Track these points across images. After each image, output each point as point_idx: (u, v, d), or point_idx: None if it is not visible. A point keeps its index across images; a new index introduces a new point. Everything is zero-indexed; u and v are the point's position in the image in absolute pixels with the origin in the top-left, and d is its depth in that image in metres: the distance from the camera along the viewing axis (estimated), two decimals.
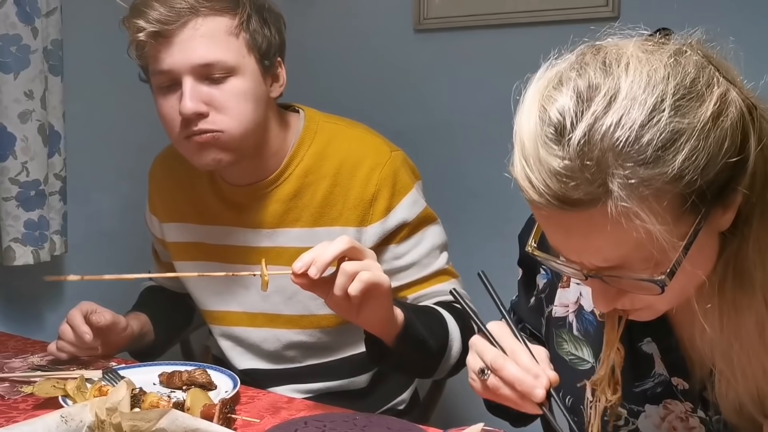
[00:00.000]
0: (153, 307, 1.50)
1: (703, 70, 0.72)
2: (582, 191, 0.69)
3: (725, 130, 0.70)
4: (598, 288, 0.79)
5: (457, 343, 1.28)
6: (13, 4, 1.66)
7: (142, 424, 0.89)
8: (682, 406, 0.91)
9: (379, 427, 1.04)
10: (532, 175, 0.71)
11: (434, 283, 1.36)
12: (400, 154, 1.37)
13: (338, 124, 1.39)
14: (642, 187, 0.68)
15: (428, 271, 1.36)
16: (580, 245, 0.75)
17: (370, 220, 1.31)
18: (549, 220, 0.75)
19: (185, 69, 1.21)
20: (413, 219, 1.34)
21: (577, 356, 0.99)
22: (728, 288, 0.78)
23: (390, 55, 2.25)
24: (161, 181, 1.48)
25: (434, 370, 1.30)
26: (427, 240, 1.36)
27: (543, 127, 0.71)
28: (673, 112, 0.68)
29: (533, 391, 0.85)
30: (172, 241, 1.45)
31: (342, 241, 1.06)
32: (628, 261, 0.73)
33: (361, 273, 1.05)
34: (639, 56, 0.71)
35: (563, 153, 0.69)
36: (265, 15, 1.28)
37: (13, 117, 1.68)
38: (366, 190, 1.31)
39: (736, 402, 0.83)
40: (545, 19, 1.99)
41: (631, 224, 0.69)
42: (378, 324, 1.15)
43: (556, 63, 0.76)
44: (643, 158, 0.67)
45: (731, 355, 0.80)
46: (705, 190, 0.69)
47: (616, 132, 0.67)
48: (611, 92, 0.69)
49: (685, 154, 0.67)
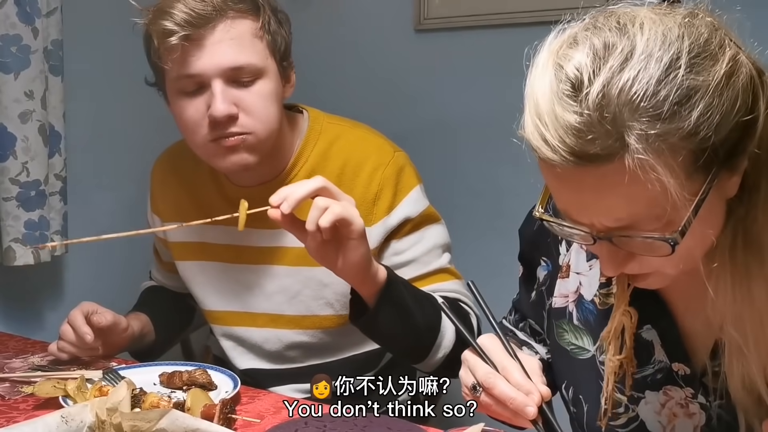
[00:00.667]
0: (154, 308, 1.50)
1: (715, 31, 0.73)
2: (599, 145, 0.69)
3: (737, 90, 0.71)
4: (607, 251, 0.78)
5: (450, 333, 1.25)
6: (13, 4, 1.66)
7: (143, 425, 0.89)
8: (682, 392, 0.91)
9: (379, 427, 1.04)
10: (546, 132, 0.71)
11: (434, 281, 1.35)
12: (403, 155, 1.37)
13: (342, 125, 1.39)
14: (658, 141, 0.68)
15: (428, 268, 1.35)
16: (591, 203, 0.75)
17: (373, 219, 1.32)
18: (561, 178, 0.75)
19: (215, 72, 1.21)
20: (416, 216, 1.34)
21: (577, 345, 0.99)
22: (739, 254, 0.78)
23: (390, 55, 2.25)
24: (164, 181, 1.47)
25: (422, 353, 1.25)
26: (429, 238, 1.36)
27: (559, 85, 0.72)
28: (688, 69, 0.69)
29: (525, 410, 0.86)
30: (175, 241, 1.45)
31: (317, 180, 1.09)
32: (639, 219, 0.73)
33: (332, 206, 1.07)
34: (653, 17, 0.72)
35: (580, 108, 0.70)
36: (278, 16, 1.29)
37: (13, 117, 1.68)
38: (369, 189, 1.31)
39: (745, 376, 0.82)
40: (545, 19, 1.98)
41: (646, 177, 0.69)
42: (356, 272, 1.14)
43: (568, 27, 0.77)
44: (660, 113, 0.68)
45: (744, 323, 0.80)
46: (718, 148, 0.70)
47: (633, 87, 0.68)
48: (627, 49, 0.70)
49: (700, 111, 0.69)
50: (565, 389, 1.02)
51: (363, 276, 1.15)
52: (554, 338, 1.03)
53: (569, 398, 1.01)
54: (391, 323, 1.19)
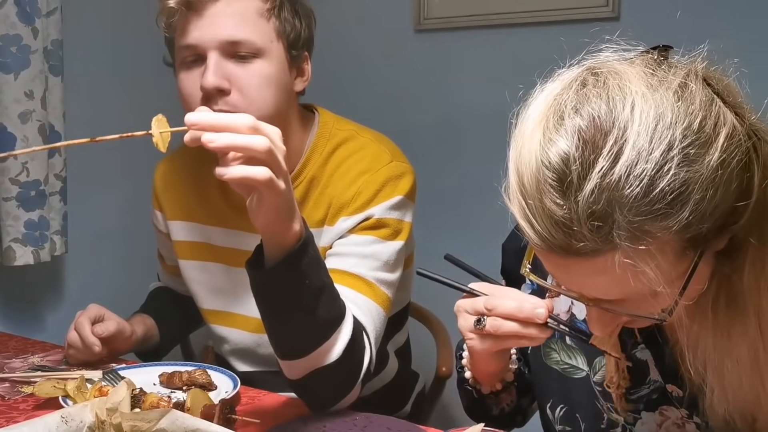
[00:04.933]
0: (159, 310, 1.50)
1: (709, 107, 0.69)
2: (585, 245, 0.68)
3: (732, 174, 0.68)
4: (595, 315, 0.79)
5: (348, 327, 1.08)
6: (13, 4, 1.66)
7: (143, 425, 0.89)
8: (677, 412, 0.91)
9: (379, 427, 1.04)
10: (534, 220, 0.70)
11: (347, 285, 1.19)
12: (402, 167, 1.30)
13: (350, 131, 1.35)
14: (648, 239, 0.67)
15: (352, 269, 1.22)
16: (580, 283, 0.75)
17: (341, 215, 1.26)
18: (549, 259, 0.74)
19: (212, 44, 1.19)
20: (382, 218, 1.26)
21: (570, 365, 0.99)
22: (721, 311, 0.77)
23: (390, 55, 2.25)
24: (169, 179, 1.46)
25: (317, 337, 1.06)
26: (375, 246, 1.25)
27: (544, 171, 0.69)
28: (681, 161, 0.66)
29: (535, 312, 0.86)
30: (178, 240, 1.45)
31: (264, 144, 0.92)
32: (629, 296, 0.73)
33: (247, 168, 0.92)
34: (644, 93, 0.68)
35: (568, 205, 0.68)
36: (297, 7, 1.28)
37: (13, 117, 1.68)
38: (348, 189, 1.27)
39: (726, 416, 0.82)
40: (545, 19, 2.00)
41: (633, 273, 0.68)
42: (267, 220, 0.98)
43: (552, 83, 0.75)
44: (651, 212, 0.66)
45: (723, 374, 0.79)
46: (709, 231, 0.69)
47: (625, 189, 0.66)
48: (618, 143, 0.66)
49: (693, 205, 0.66)
50: (551, 409, 1.01)
51: (274, 227, 0.99)
52: (539, 357, 1.02)
53: (556, 417, 1.00)
54: (285, 288, 1.02)
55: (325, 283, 1.05)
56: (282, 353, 1.08)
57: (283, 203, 0.97)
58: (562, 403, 0.99)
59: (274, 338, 1.08)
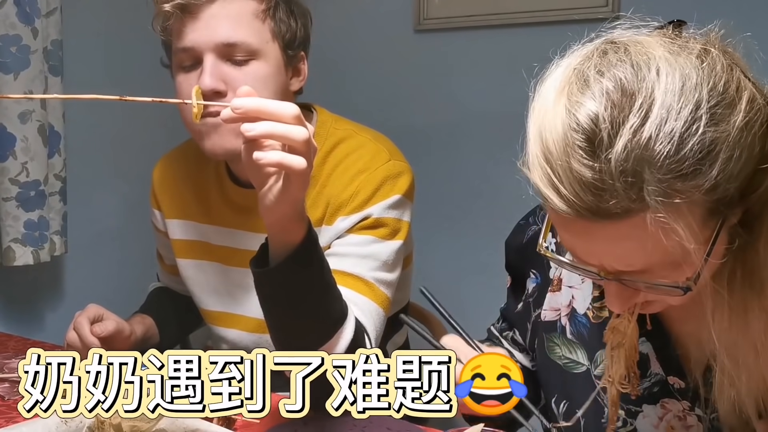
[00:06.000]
0: (159, 310, 1.50)
1: (731, 72, 0.70)
2: (617, 204, 0.67)
3: (755, 137, 0.69)
4: (615, 290, 0.77)
5: (350, 328, 1.09)
6: (13, 4, 1.66)
7: (142, 425, 0.89)
8: (679, 404, 0.91)
9: (379, 427, 1.04)
10: (560, 185, 0.69)
11: (346, 285, 1.20)
12: (400, 166, 1.29)
13: (347, 130, 1.35)
14: (679, 198, 0.67)
15: (348, 269, 1.21)
16: (603, 251, 0.73)
17: (339, 215, 1.26)
18: (571, 227, 0.73)
19: (208, 47, 1.19)
20: (381, 218, 1.25)
21: (571, 359, 0.99)
22: (737, 284, 0.77)
23: (390, 55, 2.25)
24: (168, 177, 1.46)
25: (320, 337, 1.06)
26: (374, 246, 1.24)
27: (571, 134, 0.69)
28: (708, 120, 0.66)
29: None
30: (176, 238, 1.45)
31: (303, 133, 0.91)
32: (651, 267, 0.72)
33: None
34: (668, 58, 0.69)
35: (599, 164, 0.67)
36: (292, 7, 1.28)
37: (13, 117, 1.69)
38: (346, 189, 1.26)
39: (735, 402, 0.82)
40: (545, 19, 2.00)
41: (664, 232, 0.68)
42: (281, 214, 0.97)
43: (569, 57, 0.75)
44: (682, 170, 0.66)
45: (737, 353, 0.79)
46: (732, 195, 0.69)
47: (656, 145, 0.66)
48: (647, 102, 0.67)
49: (721, 164, 0.67)
50: (556, 403, 1.01)
51: (284, 223, 0.98)
52: (544, 352, 1.02)
53: (560, 412, 1.00)
54: (291, 282, 1.01)
55: (329, 282, 1.05)
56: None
57: (301, 198, 0.97)
58: (564, 398, 0.99)
59: (277, 337, 1.07)
